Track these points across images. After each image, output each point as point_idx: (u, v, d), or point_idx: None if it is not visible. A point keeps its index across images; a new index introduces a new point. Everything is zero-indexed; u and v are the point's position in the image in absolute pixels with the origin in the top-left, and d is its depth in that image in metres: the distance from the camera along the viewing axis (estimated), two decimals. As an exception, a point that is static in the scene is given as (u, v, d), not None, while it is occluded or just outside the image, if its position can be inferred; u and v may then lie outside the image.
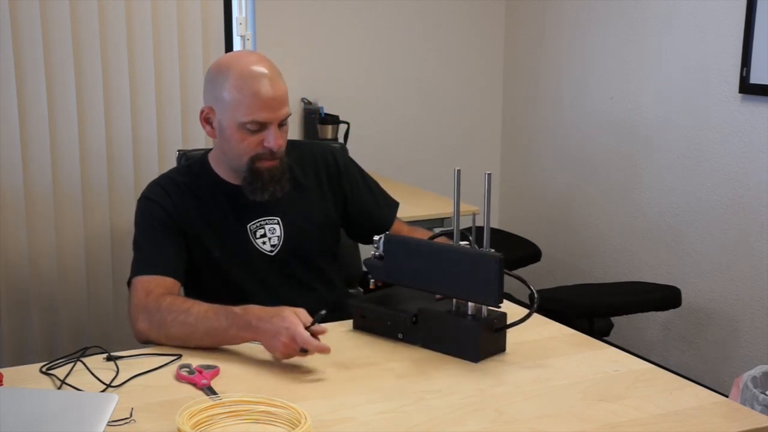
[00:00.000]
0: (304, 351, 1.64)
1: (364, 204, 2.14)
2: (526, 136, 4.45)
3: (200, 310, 1.75)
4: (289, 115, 1.95)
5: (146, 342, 1.80)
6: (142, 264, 1.91)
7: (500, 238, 3.99)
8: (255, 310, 1.70)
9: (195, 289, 1.96)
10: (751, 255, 3.31)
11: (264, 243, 1.99)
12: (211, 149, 2.07)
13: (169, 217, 1.94)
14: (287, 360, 1.68)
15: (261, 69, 1.90)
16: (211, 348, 1.74)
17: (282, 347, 1.63)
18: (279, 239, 2.00)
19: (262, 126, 1.89)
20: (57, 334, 2.81)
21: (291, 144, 2.08)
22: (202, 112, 1.97)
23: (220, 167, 2.01)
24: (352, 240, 2.29)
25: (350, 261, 2.62)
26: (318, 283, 2.06)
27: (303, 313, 1.67)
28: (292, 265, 2.01)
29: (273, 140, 1.90)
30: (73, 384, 1.58)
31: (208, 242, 1.97)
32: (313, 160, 2.11)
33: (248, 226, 1.99)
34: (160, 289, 1.84)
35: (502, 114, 4.58)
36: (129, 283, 1.91)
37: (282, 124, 1.93)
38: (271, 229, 2.00)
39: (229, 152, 1.95)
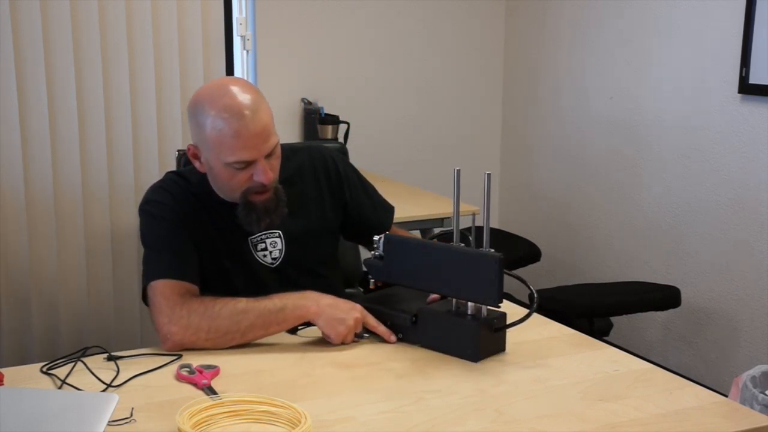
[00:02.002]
0: (361, 336, 1.82)
1: (363, 209, 2.13)
2: (526, 136, 4.45)
3: (247, 300, 1.79)
4: (277, 143, 1.88)
5: (176, 347, 1.75)
6: (162, 267, 1.85)
7: (500, 238, 3.99)
8: (312, 291, 1.84)
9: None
10: (751, 255, 3.31)
11: (265, 256, 1.98)
12: None
13: (179, 220, 1.91)
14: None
15: (239, 103, 1.81)
16: (251, 342, 1.79)
17: (345, 320, 1.79)
18: (280, 252, 1.99)
19: (249, 162, 1.84)
20: (57, 334, 2.81)
21: (290, 150, 2.06)
22: (188, 149, 1.93)
23: (216, 188, 1.96)
24: (347, 241, 2.29)
25: (350, 261, 2.62)
26: (320, 290, 2.05)
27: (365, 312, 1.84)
28: (294, 275, 2.00)
29: (262, 175, 1.85)
30: (73, 384, 1.58)
31: (215, 249, 1.95)
32: (313, 166, 2.09)
33: (249, 238, 1.97)
34: (188, 294, 1.82)
35: (502, 114, 4.59)
36: (144, 288, 1.86)
37: (270, 154, 1.87)
38: (273, 243, 1.99)
39: (222, 187, 1.92)
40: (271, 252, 1.98)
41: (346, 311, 1.81)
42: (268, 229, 1.95)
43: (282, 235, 1.99)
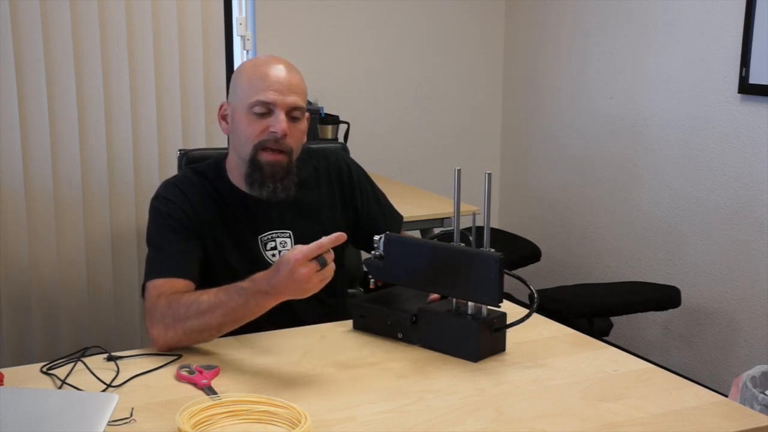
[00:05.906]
0: (323, 263, 1.60)
1: (373, 217, 2.14)
2: (526, 136, 4.45)
3: (209, 296, 1.72)
4: (298, 107, 1.91)
5: (163, 349, 1.74)
6: (157, 267, 1.86)
7: (500, 238, 3.99)
8: (260, 276, 1.67)
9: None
10: (751, 255, 3.31)
11: (274, 255, 1.97)
12: (223, 153, 2.05)
13: (187, 218, 1.91)
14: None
15: (277, 61, 1.95)
16: (232, 331, 1.74)
17: (306, 283, 1.60)
18: None
19: (269, 111, 1.88)
20: (57, 334, 2.81)
21: (307, 151, 2.06)
22: (220, 108, 2.00)
23: (234, 173, 1.98)
24: (354, 248, 2.29)
25: (350, 261, 2.63)
26: (326, 294, 2.02)
27: (296, 249, 1.61)
28: None
29: (278, 124, 1.87)
30: (73, 384, 1.58)
31: (223, 247, 1.95)
32: (328, 170, 2.10)
33: (260, 237, 1.97)
34: (171, 290, 1.81)
35: (502, 114, 4.59)
36: (144, 288, 1.86)
37: (294, 117, 1.91)
38: (282, 243, 1.99)
39: (237, 143, 1.93)
40: (280, 252, 1.98)
41: (292, 273, 1.61)
42: (270, 197, 1.91)
43: (292, 236, 1.99)
